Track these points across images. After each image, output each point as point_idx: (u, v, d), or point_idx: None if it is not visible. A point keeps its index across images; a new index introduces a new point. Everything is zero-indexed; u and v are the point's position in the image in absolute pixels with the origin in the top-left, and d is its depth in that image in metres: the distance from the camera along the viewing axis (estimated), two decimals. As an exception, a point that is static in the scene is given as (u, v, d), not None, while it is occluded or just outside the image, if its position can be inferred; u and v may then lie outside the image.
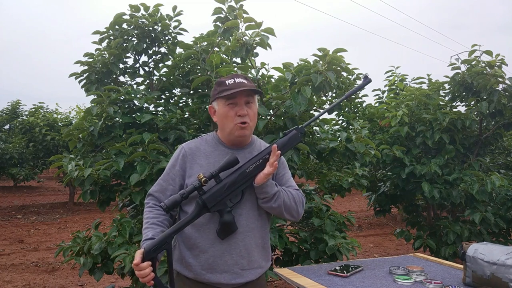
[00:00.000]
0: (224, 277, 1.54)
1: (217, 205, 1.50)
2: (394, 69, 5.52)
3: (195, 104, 3.28)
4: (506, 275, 1.66)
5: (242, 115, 1.55)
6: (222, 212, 1.51)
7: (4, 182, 14.04)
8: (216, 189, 1.49)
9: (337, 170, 4.09)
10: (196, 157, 1.61)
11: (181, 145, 1.67)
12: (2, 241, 6.42)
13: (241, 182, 1.52)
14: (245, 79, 1.59)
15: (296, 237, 3.29)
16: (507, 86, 3.95)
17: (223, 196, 1.50)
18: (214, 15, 3.18)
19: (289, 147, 1.61)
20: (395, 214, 8.50)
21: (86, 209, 9.58)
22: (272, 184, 1.56)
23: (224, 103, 1.56)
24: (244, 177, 1.52)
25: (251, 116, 1.58)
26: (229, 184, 1.50)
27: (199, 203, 1.49)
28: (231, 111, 1.55)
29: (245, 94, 1.56)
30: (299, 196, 1.65)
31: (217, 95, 1.57)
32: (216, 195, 1.49)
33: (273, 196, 1.55)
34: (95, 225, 3.06)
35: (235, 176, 1.51)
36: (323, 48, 2.86)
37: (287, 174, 1.70)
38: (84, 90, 3.49)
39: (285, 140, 1.59)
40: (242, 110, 1.55)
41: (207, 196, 1.48)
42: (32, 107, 10.71)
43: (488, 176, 3.85)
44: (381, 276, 1.96)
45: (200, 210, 1.49)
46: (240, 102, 1.55)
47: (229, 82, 1.56)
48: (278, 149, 1.53)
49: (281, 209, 1.58)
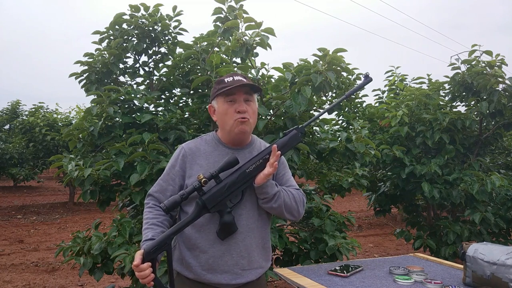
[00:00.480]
0: (224, 277, 1.54)
1: (217, 205, 1.49)
2: (394, 69, 5.53)
3: (195, 104, 3.28)
4: (506, 275, 1.66)
5: (242, 111, 1.55)
6: (222, 212, 1.50)
7: (4, 182, 14.04)
8: (216, 190, 1.49)
9: (337, 170, 4.09)
10: (196, 157, 1.61)
11: (180, 145, 1.67)
12: (2, 241, 6.42)
13: (241, 183, 1.52)
14: (244, 78, 1.59)
15: (296, 237, 3.29)
16: (507, 86, 3.95)
17: (223, 197, 1.49)
18: (214, 15, 3.18)
19: (289, 147, 1.60)
20: (395, 214, 8.50)
21: (86, 209, 9.58)
22: (272, 184, 1.55)
23: (223, 101, 1.57)
24: (244, 177, 1.52)
25: (250, 113, 1.58)
26: (229, 185, 1.50)
27: (199, 204, 1.48)
28: (230, 108, 1.55)
29: (243, 91, 1.56)
30: (300, 195, 1.65)
31: (216, 93, 1.58)
32: (216, 195, 1.48)
33: (273, 197, 1.55)
34: (95, 225, 3.06)
35: (235, 177, 1.51)
36: (323, 48, 2.86)
37: (287, 174, 1.70)
38: (84, 90, 3.49)
39: (285, 140, 1.59)
40: (241, 107, 1.55)
41: (207, 196, 1.48)
42: (32, 107, 10.73)
43: (488, 176, 3.84)
44: (381, 276, 1.96)
45: (200, 211, 1.49)
46: (239, 99, 1.56)
47: (227, 80, 1.56)
48: (278, 149, 1.53)
49: (282, 209, 1.57)
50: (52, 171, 12.20)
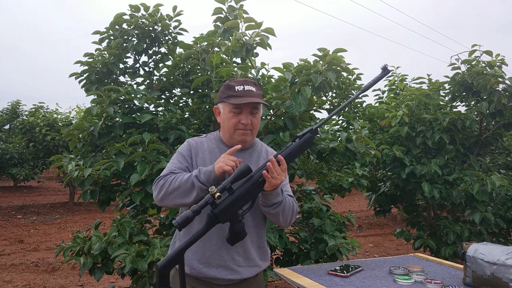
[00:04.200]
0: (220, 271, 1.56)
1: (229, 216, 1.47)
2: (394, 69, 5.53)
3: (195, 104, 3.28)
4: (506, 275, 1.66)
5: (245, 124, 1.58)
6: (233, 221, 1.48)
7: (4, 182, 14.04)
8: (229, 202, 1.44)
9: (337, 170, 4.09)
10: (200, 150, 1.65)
11: (187, 139, 1.71)
12: (2, 241, 6.42)
13: (254, 193, 1.49)
14: (254, 86, 1.61)
15: (296, 237, 3.29)
16: (507, 86, 3.96)
17: (236, 208, 1.46)
18: (214, 15, 3.18)
19: (303, 151, 1.57)
20: (395, 214, 8.50)
21: (86, 209, 9.58)
22: (278, 194, 1.54)
23: (229, 109, 1.59)
24: (257, 186, 1.48)
25: (254, 124, 1.61)
26: (242, 196, 1.46)
27: (211, 216, 1.44)
28: (234, 118, 1.58)
29: (251, 105, 1.58)
30: (296, 207, 1.66)
31: (224, 99, 1.59)
32: (229, 207, 1.45)
33: (275, 204, 1.54)
34: (95, 225, 3.06)
35: (247, 187, 1.47)
36: (323, 48, 2.86)
37: (284, 179, 1.70)
38: (84, 90, 3.48)
39: (299, 144, 1.54)
40: (245, 120, 1.58)
41: (220, 209, 1.43)
42: (32, 107, 10.73)
43: (488, 176, 3.84)
44: (381, 276, 1.96)
45: (212, 223, 1.45)
46: (245, 111, 1.58)
47: (238, 88, 1.57)
48: (294, 153, 1.51)
49: (278, 216, 1.57)
50: (52, 171, 12.20)
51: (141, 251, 2.60)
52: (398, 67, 5.52)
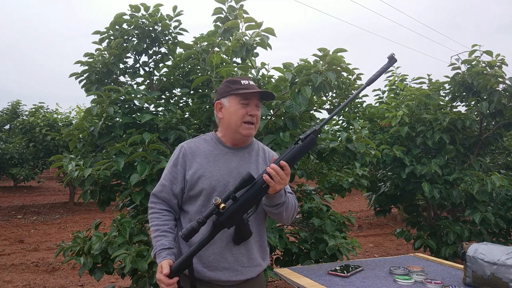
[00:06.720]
0: (225, 274, 1.56)
1: (234, 222, 1.49)
2: (394, 69, 5.52)
3: (195, 104, 3.28)
4: (506, 275, 1.66)
5: (253, 115, 1.60)
6: (239, 226, 1.51)
7: (4, 182, 14.05)
8: (234, 209, 1.46)
9: (337, 170, 4.09)
10: (195, 155, 1.63)
11: (180, 144, 1.69)
12: (2, 241, 6.42)
13: (257, 198, 1.50)
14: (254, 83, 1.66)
15: (296, 237, 3.29)
16: (507, 86, 3.95)
17: (241, 214, 1.48)
18: (214, 15, 3.18)
19: (306, 152, 1.56)
20: (395, 214, 8.50)
21: (86, 209, 9.59)
22: (281, 195, 1.55)
23: (237, 101, 1.60)
24: (260, 192, 1.49)
25: (258, 118, 1.64)
26: (246, 202, 1.47)
27: (217, 224, 1.46)
28: (242, 110, 1.60)
29: (257, 97, 1.62)
30: (296, 203, 1.68)
31: (232, 92, 1.60)
32: (234, 214, 1.46)
33: (278, 205, 1.55)
34: (95, 225, 3.06)
35: (251, 193, 1.47)
36: (323, 48, 2.86)
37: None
38: (84, 90, 3.49)
39: (302, 147, 1.52)
40: (254, 111, 1.61)
41: (225, 217, 1.46)
42: (32, 107, 10.72)
43: (488, 176, 3.84)
44: (381, 276, 1.96)
45: (217, 229, 1.47)
46: (252, 103, 1.61)
47: (244, 82, 1.61)
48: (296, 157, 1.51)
49: (281, 215, 1.60)
50: (52, 171, 12.21)
51: (141, 251, 2.60)
52: (398, 67, 5.53)
